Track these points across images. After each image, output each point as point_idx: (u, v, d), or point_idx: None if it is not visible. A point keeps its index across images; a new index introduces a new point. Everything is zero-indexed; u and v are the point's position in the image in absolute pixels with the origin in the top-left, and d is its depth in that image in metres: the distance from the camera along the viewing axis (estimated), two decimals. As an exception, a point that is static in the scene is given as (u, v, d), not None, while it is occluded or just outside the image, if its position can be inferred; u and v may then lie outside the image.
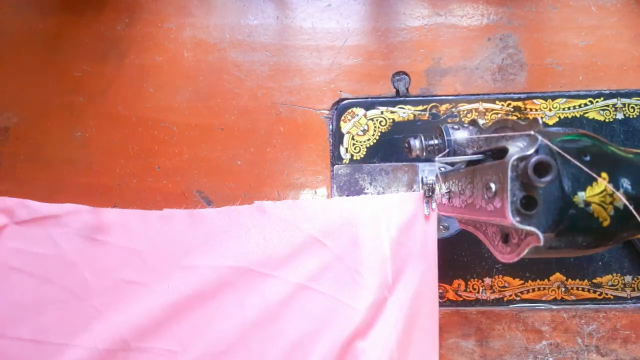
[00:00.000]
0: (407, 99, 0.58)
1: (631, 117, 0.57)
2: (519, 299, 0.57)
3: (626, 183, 0.34)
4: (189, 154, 0.58)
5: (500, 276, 0.57)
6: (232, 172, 0.59)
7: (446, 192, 0.46)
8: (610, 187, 0.33)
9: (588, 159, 0.33)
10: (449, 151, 0.46)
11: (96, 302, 0.53)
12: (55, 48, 0.60)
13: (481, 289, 0.57)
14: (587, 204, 0.33)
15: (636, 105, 0.57)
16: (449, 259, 0.56)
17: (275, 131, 0.59)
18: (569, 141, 0.34)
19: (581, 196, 0.33)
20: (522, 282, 0.56)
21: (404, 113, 0.58)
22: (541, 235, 0.31)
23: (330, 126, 0.59)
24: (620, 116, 0.57)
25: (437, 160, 0.44)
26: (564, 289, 0.57)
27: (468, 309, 0.57)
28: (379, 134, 0.58)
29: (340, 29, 0.60)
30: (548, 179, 0.30)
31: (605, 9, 0.58)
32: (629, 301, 0.56)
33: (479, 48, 0.59)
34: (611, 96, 0.57)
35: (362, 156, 0.58)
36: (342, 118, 0.58)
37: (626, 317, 0.56)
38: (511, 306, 0.57)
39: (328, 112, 0.59)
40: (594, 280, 0.57)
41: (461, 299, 0.57)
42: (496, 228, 0.39)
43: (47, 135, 0.59)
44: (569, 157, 0.32)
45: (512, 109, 0.58)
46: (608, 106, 0.57)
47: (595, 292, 0.57)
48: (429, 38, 0.59)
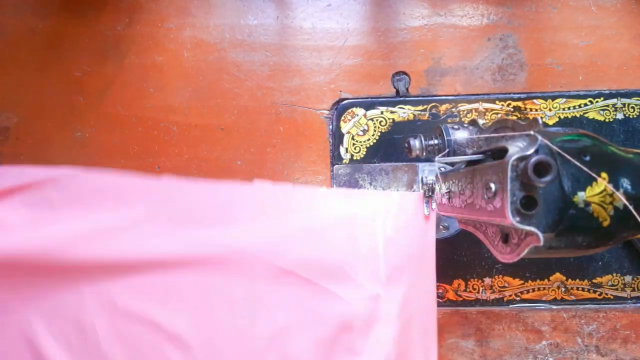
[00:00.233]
0: (407, 99, 0.58)
1: (631, 117, 0.57)
2: (519, 299, 0.57)
3: (626, 183, 0.34)
4: (189, 154, 0.58)
5: (500, 276, 0.57)
6: (232, 172, 0.59)
7: (446, 192, 0.46)
8: (610, 187, 0.33)
9: (588, 159, 0.33)
10: (449, 151, 0.46)
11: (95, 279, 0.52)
12: (55, 48, 0.60)
13: (481, 289, 0.57)
14: (587, 204, 0.33)
15: (636, 105, 0.57)
16: (449, 259, 0.56)
17: (275, 131, 0.59)
18: (569, 141, 0.34)
19: (581, 196, 0.33)
20: (522, 282, 0.56)
21: (404, 113, 0.58)
22: (541, 235, 0.31)
23: (330, 126, 0.59)
24: (620, 116, 0.57)
25: (437, 160, 0.44)
26: (564, 289, 0.57)
27: (468, 309, 0.57)
28: (379, 134, 0.58)
29: (340, 29, 0.60)
30: (548, 179, 0.30)
31: (605, 9, 0.58)
32: (629, 301, 0.56)
33: (479, 48, 0.59)
34: (611, 96, 0.57)
35: (362, 156, 0.58)
36: (342, 118, 0.58)
37: (626, 317, 0.56)
38: (511, 306, 0.57)
39: (328, 112, 0.59)
40: (594, 280, 0.57)
41: (461, 299, 0.57)
42: (496, 228, 0.39)
43: (47, 135, 0.59)
44: (569, 157, 0.32)
45: (512, 109, 0.58)
46: (608, 106, 0.57)
47: (595, 292, 0.57)
48: (429, 38, 0.59)
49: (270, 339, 0.53)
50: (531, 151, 0.32)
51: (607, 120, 0.57)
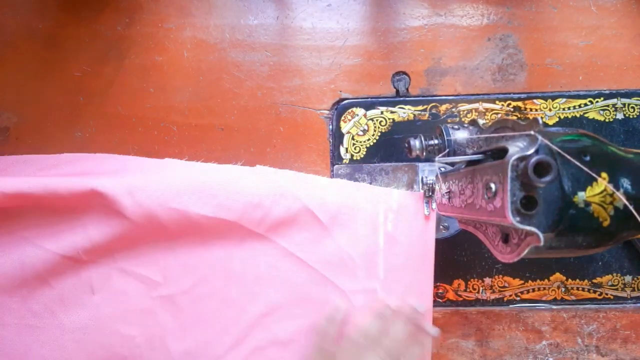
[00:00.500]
0: (407, 99, 0.58)
1: (631, 117, 0.57)
2: (519, 299, 0.57)
3: (626, 183, 0.34)
4: (189, 154, 0.58)
5: (500, 276, 0.57)
6: (232, 172, 0.59)
7: (446, 192, 0.46)
8: (610, 187, 0.33)
9: (588, 159, 0.33)
10: (449, 151, 0.46)
11: (91, 228, 0.52)
12: (55, 48, 0.60)
13: (481, 289, 0.57)
14: (587, 204, 0.33)
15: (636, 105, 0.57)
16: (449, 259, 0.56)
17: (275, 131, 0.59)
18: (569, 141, 0.34)
19: (581, 196, 0.33)
20: (522, 282, 0.56)
21: (404, 113, 0.58)
22: (541, 235, 0.31)
23: (330, 126, 0.59)
24: (620, 116, 0.57)
25: (437, 160, 0.44)
26: (564, 289, 0.57)
27: (468, 309, 0.57)
28: (379, 134, 0.58)
29: (340, 29, 0.60)
30: (548, 179, 0.30)
31: (605, 9, 0.58)
32: (629, 301, 0.56)
33: (479, 48, 0.59)
34: (611, 96, 0.57)
35: (362, 156, 0.58)
36: (342, 118, 0.58)
37: (626, 317, 0.56)
38: (511, 306, 0.57)
39: (328, 112, 0.59)
40: (594, 280, 0.57)
41: (461, 299, 0.57)
42: (496, 228, 0.39)
43: (47, 135, 0.59)
44: (569, 157, 0.32)
45: (512, 109, 0.58)
46: (608, 106, 0.57)
47: (595, 292, 0.57)
48: (429, 38, 0.59)
49: (260, 315, 0.53)
50: (531, 151, 0.32)
51: (607, 120, 0.57)
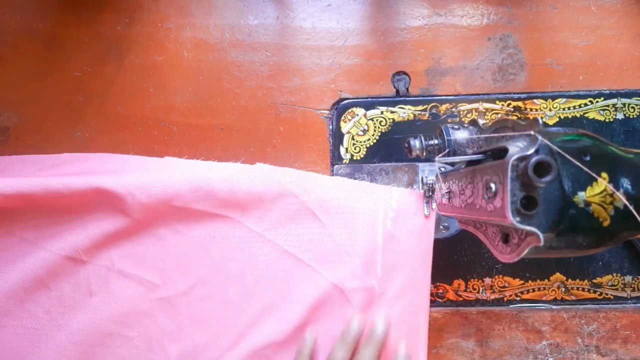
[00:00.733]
0: (407, 99, 0.58)
1: (631, 117, 0.57)
2: (519, 299, 0.57)
3: (626, 183, 0.34)
4: (189, 154, 0.58)
5: (500, 276, 0.57)
6: (232, 172, 0.58)
7: (446, 192, 0.46)
8: (611, 187, 0.33)
9: (588, 159, 0.33)
10: (449, 151, 0.46)
11: (91, 227, 0.53)
12: (55, 48, 0.60)
13: (481, 289, 0.57)
14: (587, 204, 0.33)
15: (636, 105, 0.57)
16: (449, 259, 0.56)
17: (275, 131, 0.59)
18: (569, 141, 0.34)
19: (581, 196, 0.33)
20: (522, 282, 0.56)
21: (404, 113, 0.58)
22: (541, 235, 0.31)
23: (330, 126, 0.59)
24: (620, 116, 0.57)
25: (437, 160, 0.44)
26: (564, 289, 0.57)
27: (468, 309, 0.57)
28: (379, 134, 0.58)
29: (340, 29, 0.60)
30: (548, 179, 0.30)
31: (605, 9, 0.58)
32: (629, 301, 0.56)
33: (479, 48, 0.59)
34: (611, 96, 0.57)
35: (362, 156, 0.58)
36: (342, 118, 0.58)
37: (626, 317, 0.56)
38: (511, 306, 0.57)
39: (328, 112, 0.59)
40: (594, 280, 0.57)
41: (461, 299, 0.57)
42: (496, 228, 0.39)
43: (47, 135, 0.59)
44: (569, 157, 0.32)
45: (512, 109, 0.58)
46: (608, 106, 0.57)
47: (595, 292, 0.57)
48: (429, 38, 0.59)
49: (258, 315, 0.53)
50: (531, 151, 0.32)
51: (607, 120, 0.57)
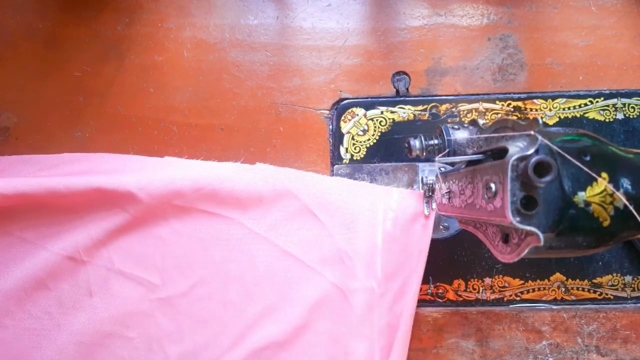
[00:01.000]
0: (407, 99, 0.58)
1: (631, 117, 0.57)
2: (519, 299, 0.57)
3: (626, 183, 0.34)
4: (189, 154, 0.58)
5: (500, 276, 0.57)
6: (232, 172, 0.58)
7: (446, 192, 0.46)
8: (611, 187, 0.33)
9: (588, 159, 0.33)
10: (449, 151, 0.46)
11: (91, 227, 0.53)
12: (55, 48, 0.60)
13: (481, 289, 0.57)
14: (587, 204, 0.33)
15: (636, 105, 0.57)
16: (449, 259, 0.56)
17: (275, 131, 0.59)
18: (569, 141, 0.34)
19: (581, 196, 0.33)
20: (522, 282, 0.56)
21: (404, 113, 0.58)
22: (541, 235, 0.31)
23: (330, 126, 0.59)
24: (620, 116, 0.57)
25: (437, 160, 0.44)
26: (564, 289, 0.57)
27: (468, 309, 0.57)
28: (379, 134, 0.58)
29: (340, 29, 0.60)
30: (548, 179, 0.30)
31: (605, 9, 0.58)
32: (629, 301, 0.56)
33: (479, 48, 0.59)
34: (611, 96, 0.57)
35: (362, 156, 0.58)
36: (342, 118, 0.58)
37: (626, 317, 0.56)
38: (511, 306, 0.57)
39: (328, 112, 0.59)
40: (594, 280, 0.57)
41: (461, 299, 0.57)
42: (496, 228, 0.39)
43: (47, 135, 0.59)
44: (569, 157, 0.32)
45: (512, 109, 0.58)
46: (608, 106, 0.57)
47: (595, 292, 0.57)
48: (429, 38, 0.59)
49: (258, 316, 0.53)
50: (531, 151, 0.32)
51: (607, 120, 0.57)
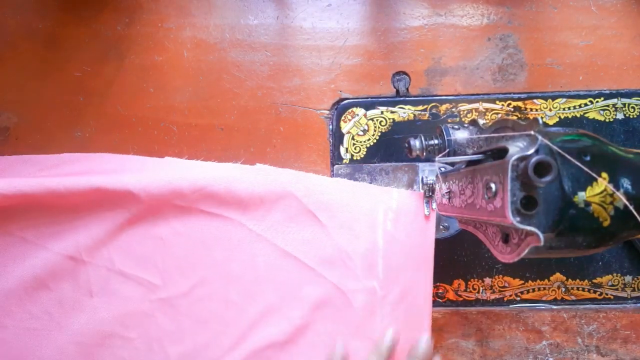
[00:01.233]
0: (407, 99, 0.58)
1: (631, 117, 0.57)
2: (519, 299, 0.57)
3: (626, 183, 0.34)
4: (189, 154, 0.58)
5: (500, 276, 0.57)
6: (232, 172, 0.58)
7: (446, 192, 0.46)
8: (611, 187, 0.33)
9: (588, 159, 0.33)
10: (449, 151, 0.46)
11: (92, 227, 0.53)
12: (55, 48, 0.60)
13: (481, 289, 0.57)
14: (588, 204, 0.33)
15: (636, 105, 0.57)
16: (449, 259, 0.56)
17: (275, 131, 0.59)
18: (569, 141, 0.34)
19: (581, 196, 0.33)
20: (522, 282, 0.56)
21: (404, 113, 0.58)
22: (541, 235, 0.31)
23: (330, 126, 0.59)
24: (620, 116, 0.57)
25: (437, 160, 0.44)
26: (564, 289, 0.57)
27: (468, 309, 0.57)
28: (379, 134, 0.58)
29: (340, 29, 0.60)
30: (548, 179, 0.30)
31: (605, 9, 0.58)
32: (629, 301, 0.56)
33: (479, 48, 0.59)
34: (611, 96, 0.57)
35: (362, 156, 0.58)
36: (342, 118, 0.58)
37: (626, 317, 0.56)
38: (511, 306, 0.57)
39: (328, 112, 0.59)
40: (594, 280, 0.57)
41: (461, 299, 0.57)
42: (496, 228, 0.39)
43: (47, 135, 0.59)
44: (569, 157, 0.32)
45: (512, 109, 0.58)
46: (608, 106, 0.57)
47: (595, 292, 0.57)
48: (429, 38, 0.59)
49: (259, 316, 0.53)
50: (531, 151, 0.32)
51: (607, 120, 0.57)
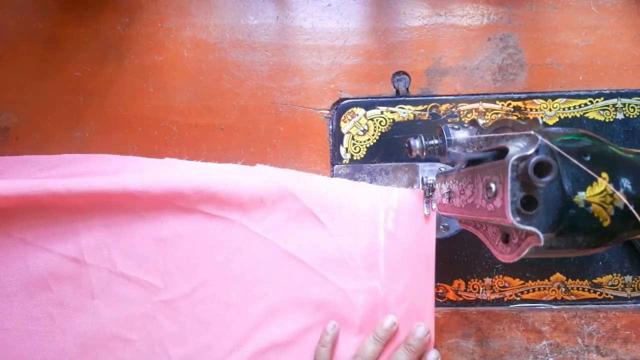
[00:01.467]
0: (407, 99, 0.58)
1: (631, 117, 0.57)
2: (519, 299, 0.57)
3: (626, 183, 0.34)
4: (189, 154, 0.58)
5: (500, 276, 0.57)
6: (232, 172, 0.58)
7: (446, 192, 0.46)
8: (611, 187, 0.33)
9: (588, 159, 0.33)
10: (449, 151, 0.45)
11: (93, 228, 0.53)
12: (55, 48, 0.60)
13: (481, 289, 0.57)
14: (588, 204, 0.33)
15: (636, 105, 0.57)
16: (449, 259, 0.56)
17: (275, 131, 0.59)
18: (569, 141, 0.34)
19: (581, 196, 0.33)
20: (522, 282, 0.56)
21: (404, 113, 0.58)
22: (541, 235, 0.31)
23: (330, 126, 0.59)
24: (620, 116, 0.57)
25: (440, 160, 0.44)
26: (564, 289, 0.57)
27: (468, 309, 0.57)
28: (379, 134, 0.58)
29: (340, 29, 0.60)
30: (548, 179, 0.30)
31: (605, 9, 0.58)
32: (629, 301, 0.56)
33: (479, 48, 0.59)
34: (611, 96, 0.57)
35: (362, 156, 0.58)
36: (342, 118, 0.58)
37: (626, 317, 0.56)
38: (511, 306, 0.57)
39: (328, 112, 0.59)
40: (594, 280, 0.57)
41: (461, 299, 0.57)
42: (496, 228, 0.39)
43: (47, 135, 0.59)
44: (569, 157, 0.32)
45: (512, 109, 0.58)
46: (608, 106, 0.57)
47: (595, 292, 0.57)
48: (429, 38, 0.59)
49: (260, 318, 0.53)
50: (531, 151, 0.32)
51: (607, 120, 0.57)
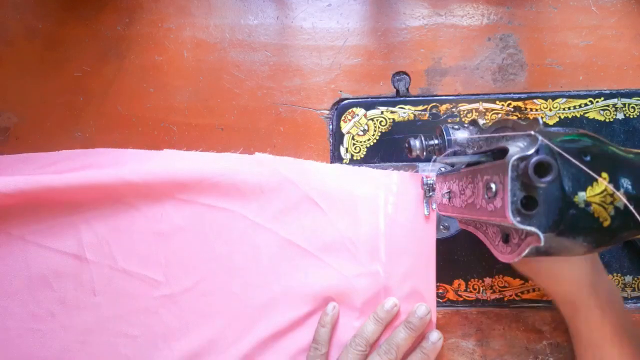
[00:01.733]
0: (407, 99, 0.58)
1: (631, 117, 0.57)
2: (519, 299, 0.57)
3: (627, 183, 0.34)
4: (189, 154, 0.58)
5: (501, 276, 0.57)
6: (232, 172, 0.58)
7: (446, 192, 0.46)
8: (611, 187, 0.33)
9: (588, 159, 0.33)
10: (449, 151, 0.46)
11: (93, 224, 0.54)
12: (55, 48, 0.60)
13: (481, 289, 0.57)
14: (588, 204, 0.33)
15: (636, 105, 0.57)
16: (449, 259, 0.56)
17: (276, 131, 0.59)
18: (570, 141, 0.34)
19: (581, 196, 0.33)
20: (522, 282, 0.56)
21: (404, 113, 0.58)
22: (542, 235, 0.31)
23: (331, 126, 0.59)
24: (620, 116, 0.57)
25: (438, 160, 0.44)
26: (564, 289, 0.56)
27: (468, 309, 0.57)
28: (379, 134, 0.58)
29: (340, 29, 0.60)
30: (548, 179, 0.30)
31: (605, 9, 0.58)
32: (629, 301, 0.56)
33: (479, 48, 0.59)
34: (611, 96, 0.57)
35: (362, 156, 0.58)
36: (342, 118, 0.58)
37: (626, 317, 0.56)
38: (512, 306, 0.57)
39: (328, 112, 0.59)
40: (594, 280, 0.57)
41: (461, 299, 0.57)
42: (496, 228, 0.39)
43: (47, 135, 0.59)
44: (569, 157, 0.32)
45: (512, 109, 0.58)
46: (608, 106, 0.57)
47: (595, 292, 0.56)
48: (429, 38, 0.59)
49: (262, 307, 0.53)
50: (532, 151, 0.32)
51: (607, 120, 0.57)
